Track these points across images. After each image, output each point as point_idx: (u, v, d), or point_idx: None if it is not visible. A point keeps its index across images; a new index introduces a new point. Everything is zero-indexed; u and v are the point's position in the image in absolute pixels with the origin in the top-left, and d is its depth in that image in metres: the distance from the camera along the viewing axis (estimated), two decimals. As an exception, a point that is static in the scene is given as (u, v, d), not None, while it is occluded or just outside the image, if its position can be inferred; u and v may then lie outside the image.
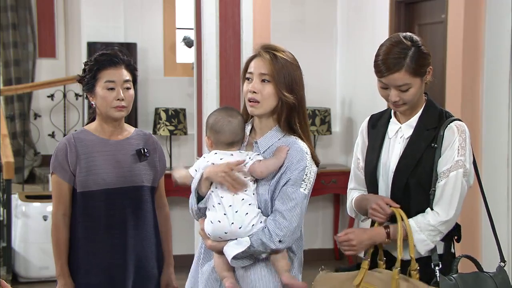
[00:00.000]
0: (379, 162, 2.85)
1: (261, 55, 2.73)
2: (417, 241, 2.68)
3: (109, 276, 3.17)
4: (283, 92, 2.71)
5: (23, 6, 8.33)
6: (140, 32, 7.63)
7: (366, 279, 2.69)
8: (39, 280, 6.27)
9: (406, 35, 2.76)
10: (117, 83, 3.16)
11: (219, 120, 2.73)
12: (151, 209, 3.27)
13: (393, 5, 6.06)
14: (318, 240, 7.05)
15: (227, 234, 2.64)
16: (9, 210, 6.27)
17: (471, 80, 4.82)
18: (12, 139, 7.70)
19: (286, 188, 2.65)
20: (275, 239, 2.60)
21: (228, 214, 2.64)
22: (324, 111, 6.76)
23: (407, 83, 2.69)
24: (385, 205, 2.73)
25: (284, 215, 2.62)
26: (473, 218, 3.91)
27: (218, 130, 2.72)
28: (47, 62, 8.53)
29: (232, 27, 5.15)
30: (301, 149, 2.70)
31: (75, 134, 3.25)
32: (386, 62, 2.69)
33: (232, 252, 2.63)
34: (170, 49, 7.88)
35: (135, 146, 3.25)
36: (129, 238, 3.18)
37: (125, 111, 3.19)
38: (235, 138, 2.73)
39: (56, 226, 3.19)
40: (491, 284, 2.74)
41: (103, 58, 3.20)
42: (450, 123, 2.74)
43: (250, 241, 2.61)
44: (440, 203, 2.70)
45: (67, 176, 3.18)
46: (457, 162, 2.69)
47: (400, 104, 2.74)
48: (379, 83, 2.75)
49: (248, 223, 2.63)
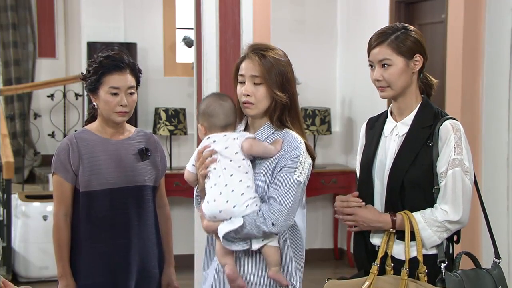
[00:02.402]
0: (374, 160, 2.86)
1: (249, 56, 2.76)
2: (423, 237, 2.70)
3: (112, 277, 3.16)
4: (275, 92, 2.74)
5: (23, 6, 8.32)
6: (140, 32, 7.64)
7: (375, 284, 2.70)
8: (39, 280, 6.26)
9: (403, 23, 2.86)
10: (122, 89, 3.15)
11: (211, 104, 2.78)
12: (152, 209, 3.28)
13: (393, 5, 6.07)
14: (318, 240, 7.05)
15: (221, 213, 2.67)
16: (9, 210, 6.27)
17: (471, 80, 4.82)
18: (12, 139, 7.70)
19: (280, 174, 2.69)
20: (268, 222, 2.64)
21: (223, 193, 2.67)
22: (324, 111, 6.76)
23: (388, 58, 2.75)
24: (349, 198, 2.80)
25: (277, 199, 2.66)
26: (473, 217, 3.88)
27: (211, 113, 2.77)
28: (47, 62, 8.53)
29: (232, 27, 5.14)
30: (295, 138, 2.76)
31: (77, 134, 3.24)
32: (373, 37, 2.80)
33: (223, 230, 2.65)
34: (170, 49, 7.88)
35: (136, 146, 3.26)
36: (132, 238, 3.18)
37: (127, 116, 3.20)
38: (228, 120, 2.77)
39: (57, 226, 3.19)
40: (489, 279, 2.78)
41: (108, 61, 3.17)
42: (445, 121, 2.75)
43: (243, 221, 2.64)
44: (446, 202, 2.71)
45: (69, 176, 3.18)
46: (454, 160, 2.70)
47: (384, 86, 2.78)
48: (369, 65, 2.82)
49: (243, 203, 2.66)
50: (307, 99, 6.89)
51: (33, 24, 8.43)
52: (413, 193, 2.74)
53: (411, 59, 2.77)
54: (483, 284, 2.76)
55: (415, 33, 2.80)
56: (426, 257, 2.71)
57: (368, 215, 2.78)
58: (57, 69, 8.48)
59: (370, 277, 2.71)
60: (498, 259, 2.86)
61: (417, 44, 2.78)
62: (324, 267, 6.64)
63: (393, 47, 2.75)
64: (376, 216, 2.77)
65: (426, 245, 2.72)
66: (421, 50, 2.79)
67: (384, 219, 2.75)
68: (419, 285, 2.65)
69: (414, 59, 2.78)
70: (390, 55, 2.76)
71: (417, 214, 2.72)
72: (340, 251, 7.09)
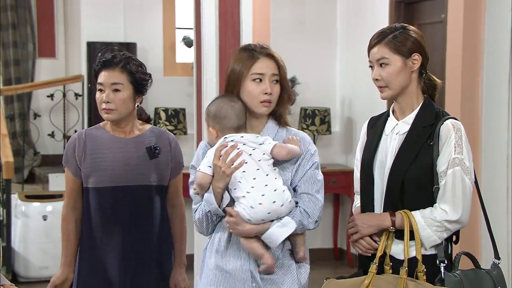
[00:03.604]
0: (375, 158, 2.86)
1: (266, 56, 2.81)
2: (423, 237, 2.70)
3: (108, 274, 3.17)
4: (289, 90, 2.86)
5: (22, 6, 8.32)
6: (140, 32, 7.64)
7: (374, 283, 2.70)
8: (38, 280, 6.26)
9: (402, 23, 2.89)
10: (105, 86, 3.16)
11: (222, 106, 2.77)
12: (158, 208, 3.25)
13: (393, 5, 6.07)
14: (317, 239, 7.05)
15: (270, 214, 2.69)
16: (8, 210, 6.27)
17: (470, 80, 4.82)
18: (11, 139, 7.70)
19: (312, 172, 2.81)
20: (313, 220, 2.76)
21: (267, 194, 2.68)
22: (324, 111, 6.76)
23: (385, 57, 2.77)
24: (371, 242, 2.78)
25: (316, 197, 2.78)
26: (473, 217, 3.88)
27: (223, 115, 2.76)
28: (47, 62, 8.53)
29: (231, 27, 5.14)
30: (304, 134, 2.90)
31: (88, 130, 3.28)
32: (372, 37, 2.83)
33: (281, 236, 2.69)
34: (170, 49, 7.89)
35: (146, 144, 3.24)
36: (132, 236, 3.18)
37: (114, 113, 3.17)
38: (240, 121, 2.77)
39: (63, 218, 3.24)
40: (488, 279, 2.78)
41: (101, 60, 3.22)
42: (446, 120, 2.76)
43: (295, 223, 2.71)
44: (445, 202, 2.71)
45: (74, 170, 3.21)
46: (454, 160, 2.70)
47: (383, 86, 2.79)
48: (369, 66, 2.85)
49: (286, 199, 2.70)
50: (307, 99, 6.89)
51: (32, 24, 8.43)
52: (413, 192, 2.74)
53: (409, 58, 2.78)
54: (482, 284, 2.76)
55: (413, 33, 2.81)
56: (425, 257, 2.71)
57: (367, 216, 2.79)
58: (56, 69, 8.48)
59: (369, 276, 2.71)
60: (498, 259, 2.86)
61: (415, 43, 2.79)
62: (324, 267, 6.63)
63: (390, 46, 2.77)
64: (375, 216, 2.78)
65: (426, 245, 2.72)
66: (419, 49, 2.79)
67: (384, 218, 2.75)
68: (418, 284, 2.65)
69: (412, 58, 2.78)
70: (388, 54, 2.77)
71: (416, 213, 2.72)
72: (340, 251, 7.09)
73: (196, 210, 2.81)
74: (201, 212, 2.78)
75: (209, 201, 2.74)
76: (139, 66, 3.25)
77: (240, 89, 2.79)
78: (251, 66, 2.79)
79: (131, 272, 3.19)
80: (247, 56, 2.81)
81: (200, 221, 2.80)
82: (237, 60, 2.81)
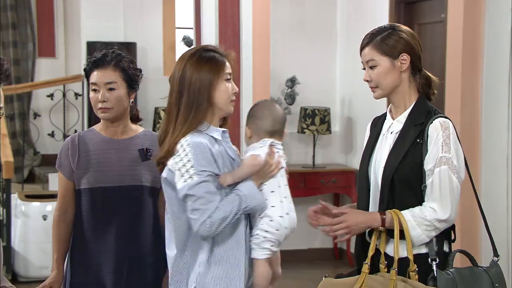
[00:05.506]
0: (372, 157, 2.88)
1: (225, 56, 2.82)
2: (413, 236, 2.70)
3: (102, 276, 3.15)
4: None
5: (22, 6, 8.33)
6: (140, 32, 7.64)
7: (366, 283, 2.70)
8: (38, 280, 6.17)
9: (392, 23, 2.90)
10: (100, 85, 3.14)
11: (261, 108, 2.79)
12: (150, 210, 3.24)
13: (393, 5, 6.07)
14: (317, 239, 7.04)
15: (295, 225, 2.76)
16: (8, 210, 6.27)
17: (470, 79, 4.82)
18: (11, 139, 7.70)
19: None
20: None
21: (291, 206, 2.74)
22: (324, 110, 6.76)
23: (373, 59, 2.79)
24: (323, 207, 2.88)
25: None
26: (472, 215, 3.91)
27: (258, 116, 2.76)
28: (47, 62, 8.54)
29: (231, 27, 5.15)
30: None
31: (82, 133, 3.27)
32: (363, 39, 2.84)
33: None
34: (170, 49, 7.89)
35: (138, 146, 3.23)
36: (124, 238, 3.16)
37: (111, 112, 3.16)
38: (276, 127, 2.76)
39: (54, 220, 3.22)
40: (485, 277, 2.77)
41: (91, 60, 3.21)
42: (435, 119, 2.76)
43: None
44: (433, 200, 2.71)
45: (67, 173, 3.19)
46: (441, 158, 2.71)
47: (373, 86, 2.82)
48: (362, 68, 2.86)
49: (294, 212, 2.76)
50: (307, 98, 6.89)
51: (32, 24, 8.44)
52: (402, 190, 2.75)
53: (397, 59, 2.79)
54: (479, 282, 2.75)
55: (402, 33, 2.81)
56: (418, 255, 2.72)
57: (358, 218, 2.77)
58: (56, 68, 8.48)
59: (361, 277, 2.72)
60: (497, 257, 2.86)
61: (402, 43, 2.79)
62: (323, 267, 6.62)
63: (378, 48, 2.79)
64: (366, 217, 2.77)
65: (415, 244, 2.72)
66: (407, 49, 2.80)
67: (374, 218, 2.75)
68: (407, 285, 2.64)
69: (401, 58, 2.79)
70: (376, 56, 2.79)
71: (406, 212, 2.72)
72: (340, 251, 7.09)
73: (217, 208, 2.61)
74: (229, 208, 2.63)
75: (253, 194, 2.66)
76: (130, 62, 3.24)
77: (212, 94, 2.73)
78: (223, 66, 2.76)
79: (125, 273, 3.17)
80: (214, 60, 2.76)
81: (224, 218, 2.62)
82: (202, 67, 2.77)
